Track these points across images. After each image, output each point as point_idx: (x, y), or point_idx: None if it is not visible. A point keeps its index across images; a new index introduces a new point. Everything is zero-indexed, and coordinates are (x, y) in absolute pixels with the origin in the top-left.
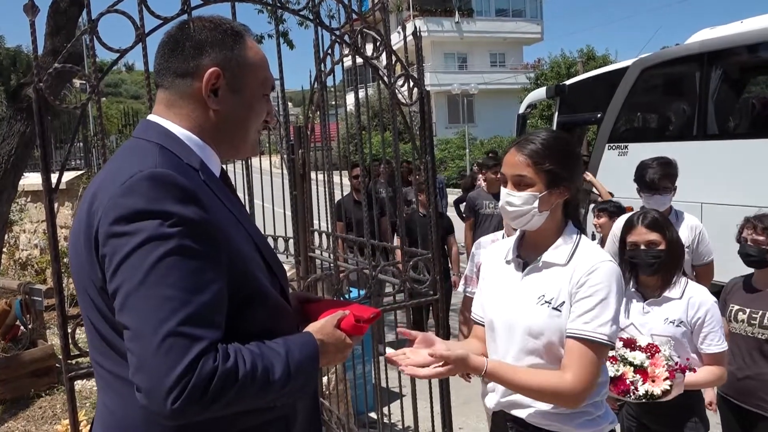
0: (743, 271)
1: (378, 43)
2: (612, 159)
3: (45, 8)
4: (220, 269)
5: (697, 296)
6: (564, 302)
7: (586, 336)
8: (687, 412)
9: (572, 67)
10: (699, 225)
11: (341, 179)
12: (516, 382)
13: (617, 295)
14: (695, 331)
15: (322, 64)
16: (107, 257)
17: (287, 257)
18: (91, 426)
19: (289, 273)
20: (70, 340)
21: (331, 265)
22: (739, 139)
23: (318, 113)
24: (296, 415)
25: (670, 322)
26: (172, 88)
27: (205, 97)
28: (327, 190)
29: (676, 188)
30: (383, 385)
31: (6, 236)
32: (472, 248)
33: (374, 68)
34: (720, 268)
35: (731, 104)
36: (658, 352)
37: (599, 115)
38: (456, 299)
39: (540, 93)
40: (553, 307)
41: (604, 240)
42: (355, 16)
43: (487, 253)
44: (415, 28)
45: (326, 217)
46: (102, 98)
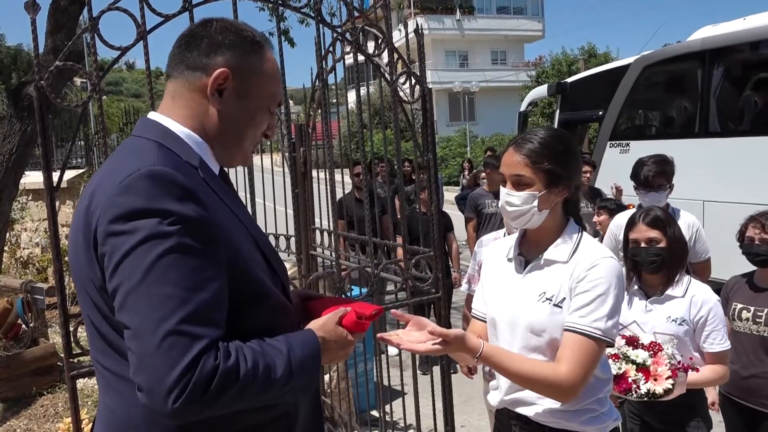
0: (746, 269)
1: (380, 41)
2: (613, 157)
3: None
4: (219, 267)
5: (700, 294)
6: (564, 298)
7: (580, 330)
8: (689, 411)
9: (573, 64)
10: (696, 222)
11: (342, 177)
12: (510, 369)
13: (616, 292)
14: (698, 330)
15: (324, 62)
16: (106, 256)
17: (288, 255)
18: (92, 425)
19: (291, 271)
20: (71, 339)
21: (333, 263)
22: (741, 137)
23: (319, 111)
24: (298, 413)
25: (673, 320)
26: (181, 78)
27: (209, 94)
28: (328, 188)
29: (672, 186)
30: (385, 383)
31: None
32: (475, 247)
33: (376, 66)
34: (722, 266)
35: (733, 102)
36: (661, 351)
37: (601, 113)
38: (458, 297)
39: (541, 91)
40: (554, 304)
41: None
42: (356, 13)
43: (489, 251)
44: (417, 25)
45: (328, 215)
46: (103, 96)
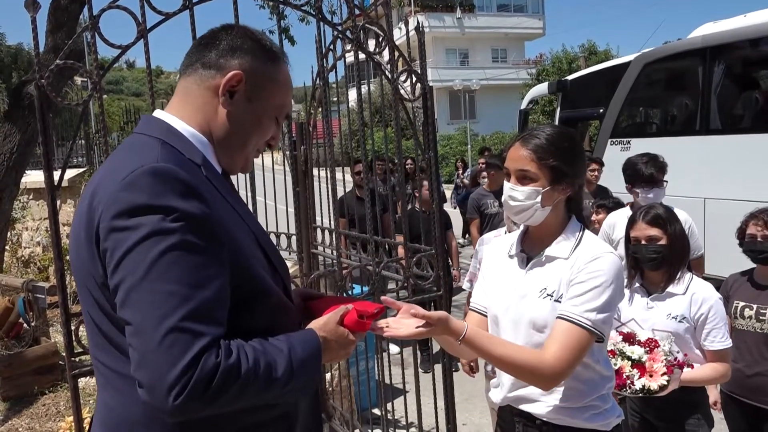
0: (747, 267)
1: (380, 39)
2: (614, 154)
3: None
4: (222, 265)
5: (701, 292)
6: (564, 293)
7: (571, 317)
8: (690, 409)
9: (574, 62)
10: (688, 219)
11: (344, 175)
12: (493, 353)
13: (614, 287)
14: (698, 328)
15: (324, 60)
16: (108, 252)
17: (290, 254)
18: (90, 424)
19: (292, 270)
20: (73, 338)
21: (334, 261)
22: (742, 134)
23: (320, 109)
24: (297, 412)
25: (673, 317)
26: (195, 75)
27: (220, 93)
28: (329, 186)
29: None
30: (387, 381)
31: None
32: (476, 245)
33: (377, 64)
34: (724, 264)
35: (734, 99)
36: (657, 347)
37: (601, 111)
38: (459, 295)
39: (542, 88)
40: (555, 299)
41: None
42: (357, 11)
43: (490, 247)
44: (418, 23)
45: (329, 213)
46: (103, 95)
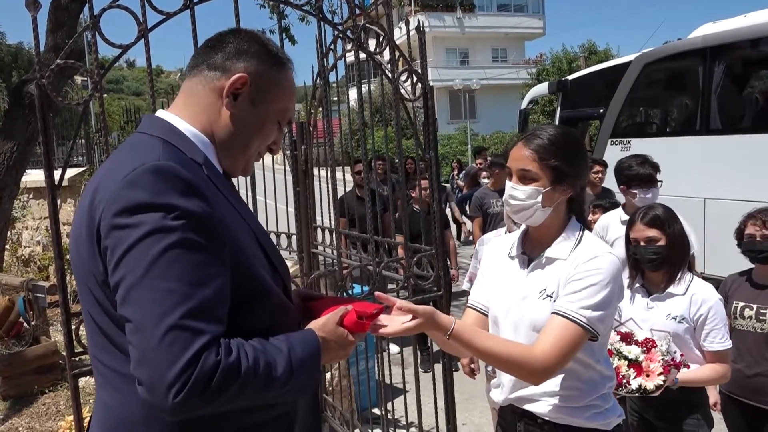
0: (747, 267)
1: (381, 39)
2: (615, 154)
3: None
4: (223, 264)
5: (701, 293)
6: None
7: (565, 313)
8: (690, 409)
9: (574, 62)
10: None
11: (344, 175)
12: (482, 348)
13: (611, 287)
14: (698, 328)
15: (325, 60)
16: (109, 249)
17: (290, 253)
18: (88, 424)
19: (292, 269)
20: (73, 337)
21: (334, 261)
22: (743, 134)
23: (320, 109)
24: (297, 412)
25: (672, 317)
26: (200, 76)
27: (224, 95)
28: (329, 186)
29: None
30: (387, 380)
31: (9, 233)
32: (476, 245)
33: (377, 64)
34: (723, 264)
35: (734, 99)
36: (655, 347)
37: (601, 111)
38: (457, 294)
39: (542, 88)
40: (554, 300)
41: None
42: (357, 11)
43: (490, 247)
44: (419, 23)
45: (329, 213)
46: (104, 94)
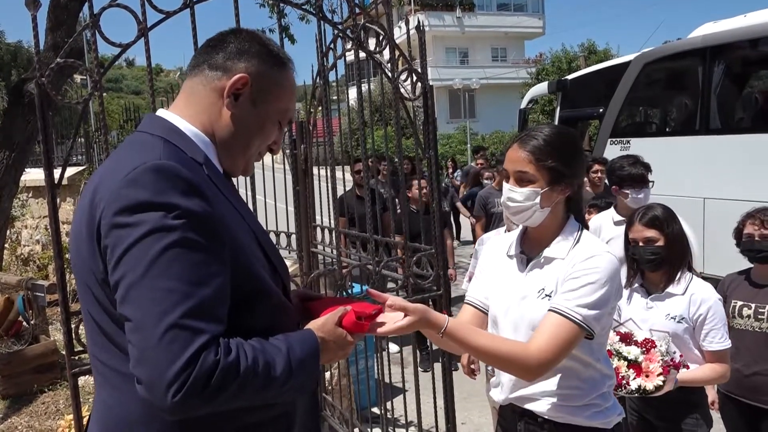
0: (746, 266)
1: (381, 38)
2: (614, 154)
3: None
4: (223, 263)
5: (700, 293)
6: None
7: (560, 311)
8: (689, 408)
9: (574, 61)
10: None
11: (344, 174)
12: (476, 345)
13: (608, 286)
14: (697, 328)
15: (325, 59)
16: (109, 248)
17: (289, 253)
18: (87, 423)
19: (292, 269)
20: (73, 336)
21: (334, 260)
22: (742, 134)
23: (320, 108)
24: (296, 412)
25: (672, 317)
26: (201, 76)
27: (225, 95)
28: (329, 185)
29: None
30: (386, 380)
31: (8, 232)
32: (476, 245)
33: (377, 63)
34: (723, 264)
35: (734, 99)
36: (654, 347)
37: (601, 110)
38: (456, 294)
39: (542, 88)
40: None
41: None
42: (357, 10)
43: (488, 246)
44: (419, 22)
45: (329, 212)
46: (103, 93)
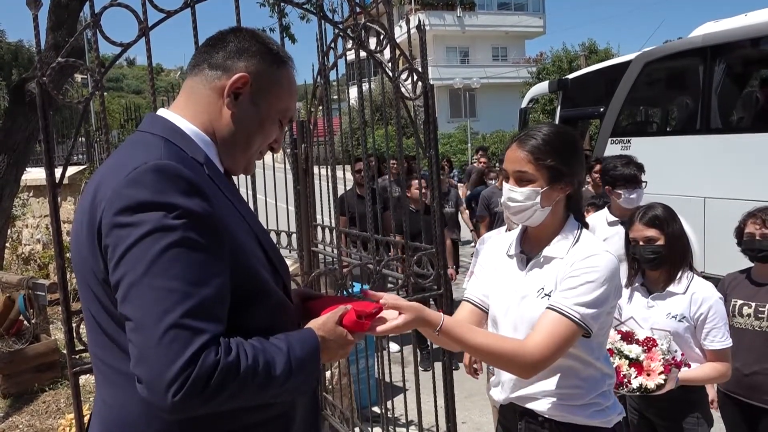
0: (746, 266)
1: (381, 37)
2: (615, 153)
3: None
4: (223, 263)
5: (701, 292)
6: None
7: (558, 308)
8: (690, 407)
9: (574, 61)
10: None
11: (344, 173)
12: (472, 343)
13: (607, 286)
14: (698, 327)
15: (325, 59)
16: (110, 248)
17: (290, 252)
18: (88, 423)
19: (292, 268)
20: (74, 335)
21: (335, 259)
22: (743, 133)
23: (320, 108)
24: (295, 412)
25: (672, 316)
26: (201, 76)
27: (225, 95)
28: (330, 184)
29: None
30: (386, 379)
31: (9, 231)
32: (477, 244)
33: (378, 62)
34: (723, 263)
35: (735, 98)
36: (655, 346)
37: (602, 110)
38: (458, 294)
39: (542, 87)
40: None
41: None
42: (358, 9)
43: (489, 245)
44: (420, 21)
45: (329, 211)
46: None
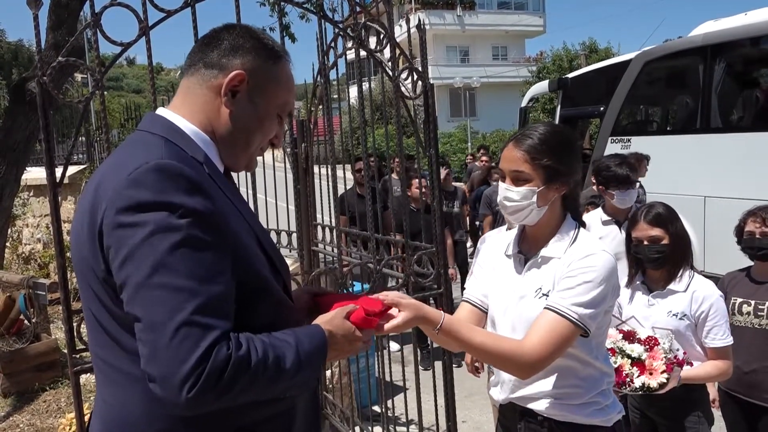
0: (748, 263)
1: (381, 36)
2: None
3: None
4: (227, 260)
5: (702, 290)
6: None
7: (556, 309)
8: (691, 406)
9: (574, 60)
10: None
11: (344, 173)
12: (472, 342)
13: (604, 286)
14: (699, 325)
15: (325, 58)
16: (113, 249)
17: (290, 251)
18: (88, 422)
19: (293, 267)
20: (75, 334)
21: (335, 259)
22: (743, 132)
23: (320, 107)
24: (296, 411)
25: (674, 314)
26: (197, 75)
27: (222, 93)
28: (330, 183)
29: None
30: (387, 378)
31: (9, 231)
32: (478, 243)
33: (378, 62)
34: (722, 263)
35: (735, 97)
36: (657, 345)
37: (602, 109)
38: (456, 293)
39: (542, 86)
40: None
41: None
42: (358, 9)
43: (487, 244)
44: (419, 20)
45: (329, 210)
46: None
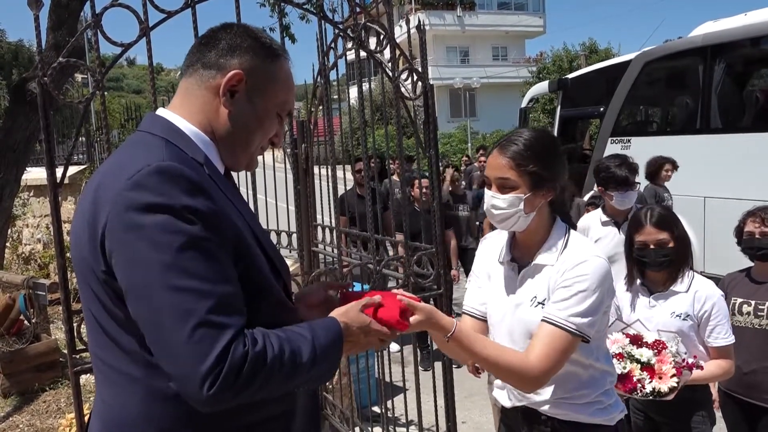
0: (747, 264)
1: (381, 37)
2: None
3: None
4: (231, 259)
5: (704, 290)
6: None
7: (555, 321)
8: (694, 406)
9: (575, 60)
10: None
11: (344, 173)
12: (479, 353)
13: (599, 292)
14: (702, 325)
15: (326, 59)
16: (117, 252)
17: (290, 252)
18: (88, 422)
19: (293, 268)
20: (75, 335)
21: (335, 259)
22: (743, 133)
23: (321, 107)
24: (296, 411)
25: (677, 315)
26: (195, 76)
27: (221, 93)
28: (330, 184)
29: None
30: (386, 379)
31: (9, 231)
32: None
33: (378, 62)
34: (722, 263)
35: (734, 98)
36: (665, 349)
37: (602, 109)
38: (458, 294)
39: (542, 87)
40: (544, 307)
41: None
42: (358, 9)
43: (482, 250)
44: (419, 21)
45: (329, 211)
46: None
